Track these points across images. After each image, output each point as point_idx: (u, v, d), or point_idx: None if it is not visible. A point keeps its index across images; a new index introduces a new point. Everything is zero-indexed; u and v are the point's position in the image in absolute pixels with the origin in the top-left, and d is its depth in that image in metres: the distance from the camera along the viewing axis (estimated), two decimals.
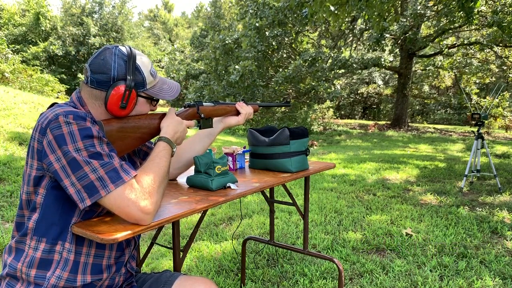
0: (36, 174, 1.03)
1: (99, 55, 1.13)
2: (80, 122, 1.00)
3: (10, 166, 4.32)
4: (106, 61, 1.11)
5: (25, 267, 1.03)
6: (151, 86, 1.21)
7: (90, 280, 1.08)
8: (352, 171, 5.76)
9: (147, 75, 1.18)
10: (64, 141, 0.97)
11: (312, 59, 13.16)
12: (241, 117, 1.57)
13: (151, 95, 1.22)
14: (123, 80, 1.12)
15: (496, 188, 4.66)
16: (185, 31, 44.57)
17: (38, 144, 1.01)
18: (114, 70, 1.11)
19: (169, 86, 1.27)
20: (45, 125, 1.00)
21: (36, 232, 1.04)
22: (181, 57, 26.69)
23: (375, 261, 2.62)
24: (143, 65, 1.17)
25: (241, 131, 15.22)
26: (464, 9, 5.83)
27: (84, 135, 0.99)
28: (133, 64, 1.14)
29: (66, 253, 1.04)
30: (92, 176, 0.98)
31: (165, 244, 2.98)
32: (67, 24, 26.54)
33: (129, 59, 1.13)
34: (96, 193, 0.98)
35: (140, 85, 1.17)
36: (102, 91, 1.12)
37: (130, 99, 1.14)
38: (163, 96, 1.24)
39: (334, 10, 6.09)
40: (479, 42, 12.93)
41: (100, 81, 1.11)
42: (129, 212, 1.00)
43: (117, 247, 1.14)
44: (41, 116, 1.04)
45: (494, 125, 13.69)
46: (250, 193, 1.41)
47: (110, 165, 1.00)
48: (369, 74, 21.88)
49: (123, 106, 1.13)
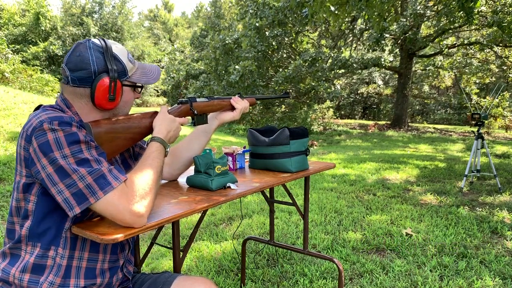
0: (26, 181, 1.02)
1: (73, 52, 1.09)
2: (66, 128, 0.97)
3: (10, 166, 4.32)
4: (83, 57, 1.08)
5: (19, 272, 1.02)
6: (132, 73, 1.18)
7: (83, 284, 1.06)
8: (352, 171, 5.76)
9: (126, 63, 1.15)
10: (50, 148, 0.95)
11: (312, 59, 13.16)
12: (237, 112, 1.53)
13: (135, 82, 1.19)
14: (106, 72, 1.09)
15: (496, 188, 4.66)
16: (185, 31, 44.57)
17: (24, 151, 0.99)
18: (93, 64, 1.08)
19: (149, 69, 1.24)
20: (30, 132, 0.97)
21: (30, 238, 1.03)
22: (181, 57, 26.69)
23: (375, 261, 2.62)
24: (120, 53, 1.14)
25: (241, 131, 15.22)
26: (464, 9, 5.83)
27: (71, 141, 0.96)
28: (111, 54, 1.11)
29: (59, 259, 1.03)
30: (80, 184, 0.95)
31: (165, 244, 2.98)
32: (67, 24, 26.55)
33: (106, 50, 1.10)
34: (85, 200, 0.95)
35: (122, 74, 1.14)
36: (86, 87, 1.09)
37: (117, 89, 1.11)
38: (147, 80, 1.21)
39: (334, 10, 6.10)
40: (479, 42, 12.93)
41: (82, 78, 1.08)
42: (122, 218, 0.98)
43: (110, 251, 1.13)
44: (26, 122, 1.01)
45: (494, 125, 13.69)
46: (250, 193, 1.41)
47: (98, 171, 0.97)
48: (369, 74, 21.88)
49: (112, 98, 1.10)
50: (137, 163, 1.13)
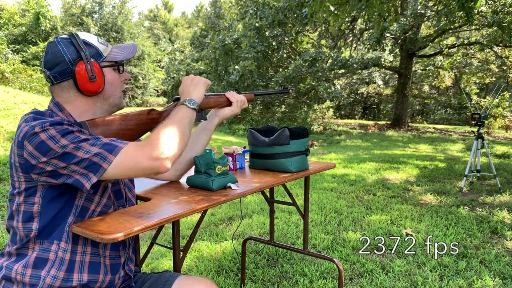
0: (26, 185, 1.02)
1: (47, 52, 1.12)
2: (57, 126, 0.99)
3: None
4: (55, 52, 1.09)
5: (21, 267, 1.03)
6: (107, 53, 1.18)
7: (86, 279, 1.07)
8: (352, 171, 5.76)
9: (98, 45, 1.15)
10: (46, 146, 0.96)
11: (312, 59, 13.15)
12: (235, 106, 1.53)
13: (113, 60, 1.18)
14: (80, 58, 1.10)
15: (496, 188, 4.66)
16: (185, 31, 44.56)
17: (19, 158, 1.00)
18: (66, 55, 1.09)
19: (125, 46, 1.24)
20: (21, 138, 0.98)
21: (38, 238, 1.04)
22: (181, 57, 26.69)
23: (375, 261, 2.62)
24: (89, 38, 1.15)
25: (241, 131, 15.22)
26: (464, 9, 5.83)
27: (64, 133, 0.98)
28: (80, 41, 1.12)
29: (61, 253, 1.04)
30: (88, 156, 0.97)
31: (165, 244, 2.98)
32: (67, 24, 26.55)
33: (74, 39, 1.11)
34: (99, 168, 0.97)
35: (97, 55, 1.14)
36: (68, 79, 1.10)
37: (96, 70, 1.11)
38: (124, 56, 1.20)
39: (334, 10, 6.10)
40: (479, 42, 12.93)
41: (61, 71, 1.09)
42: (142, 167, 1.00)
43: (111, 246, 1.14)
44: (17, 128, 1.02)
45: (494, 125, 13.69)
46: (250, 193, 1.41)
47: (100, 141, 1.00)
48: (369, 74, 21.88)
49: (93, 78, 1.10)
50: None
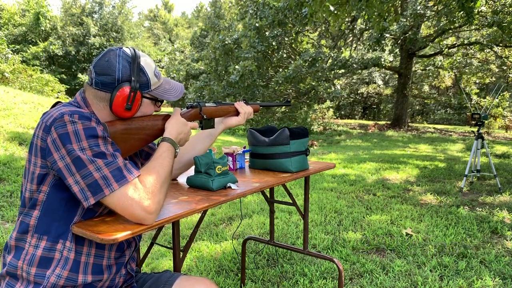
0: (40, 172, 1.03)
1: (103, 57, 1.13)
2: (85, 122, 1.00)
3: (10, 166, 4.31)
4: (110, 63, 1.11)
5: (26, 265, 1.04)
6: (156, 87, 1.21)
7: (91, 280, 1.08)
8: (352, 171, 5.76)
9: (151, 76, 1.18)
10: (69, 139, 0.98)
11: (312, 59, 13.15)
12: (241, 117, 1.57)
13: (156, 96, 1.22)
14: (128, 82, 1.12)
15: (496, 188, 4.66)
16: (185, 31, 44.57)
17: (41, 142, 1.01)
18: (118, 72, 1.11)
19: (173, 87, 1.27)
20: (50, 123, 1.00)
21: (37, 229, 1.05)
22: (181, 57, 26.70)
23: (375, 261, 2.62)
24: (147, 66, 1.17)
25: (241, 131, 15.22)
26: (464, 9, 5.84)
27: (89, 134, 1.00)
28: (138, 66, 1.14)
29: (66, 252, 1.05)
30: (96, 175, 0.98)
31: (165, 244, 2.98)
32: (67, 24, 26.56)
33: (133, 61, 1.13)
34: (100, 191, 0.99)
35: (145, 86, 1.17)
36: (107, 92, 1.12)
37: (135, 100, 1.14)
38: (168, 97, 1.24)
39: (334, 10, 6.09)
40: (479, 42, 12.92)
41: (105, 82, 1.11)
42: (133, 212, 1.01)
43: (117, 247, 1.14)
44: (45, 114, 1.04)
45: (494, 125, 13.69)
46: (250, 193, 1.41)
47: (114, 164, 1.01)
48: (369, 74, 21.88)
49: (128, 107, 1.13)
50: (146, 162, 1.15)
